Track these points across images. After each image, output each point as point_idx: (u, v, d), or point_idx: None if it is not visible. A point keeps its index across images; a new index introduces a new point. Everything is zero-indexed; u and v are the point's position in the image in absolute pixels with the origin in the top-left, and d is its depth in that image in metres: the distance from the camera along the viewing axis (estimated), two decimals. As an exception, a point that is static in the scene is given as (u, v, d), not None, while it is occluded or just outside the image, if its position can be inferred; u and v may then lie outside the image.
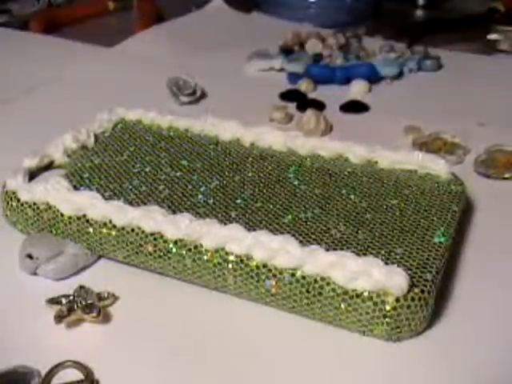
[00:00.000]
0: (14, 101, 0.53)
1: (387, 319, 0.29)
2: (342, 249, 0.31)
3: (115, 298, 0.32)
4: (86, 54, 0.63)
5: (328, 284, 0.29)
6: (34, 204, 0.35)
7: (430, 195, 0.36)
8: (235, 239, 0.31)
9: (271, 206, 0.35)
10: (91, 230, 0.34)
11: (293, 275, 0.30)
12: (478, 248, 0.36)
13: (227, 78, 0.58)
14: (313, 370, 0.29)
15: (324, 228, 0.33)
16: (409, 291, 0.29)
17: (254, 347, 0.30)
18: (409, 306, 0.29)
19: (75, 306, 0.30)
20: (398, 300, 0.29)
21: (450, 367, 0.29)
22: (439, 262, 0.31)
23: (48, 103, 0.53)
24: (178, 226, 0.32)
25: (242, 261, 0.31)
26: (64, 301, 0.31)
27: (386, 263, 0.30)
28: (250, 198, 0.36)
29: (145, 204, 0.35)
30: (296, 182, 0.37)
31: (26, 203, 0.35)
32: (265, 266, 0.31)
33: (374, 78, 0.56)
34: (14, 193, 0.36)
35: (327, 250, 0.31)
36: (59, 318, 0.30)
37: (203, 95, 0.54)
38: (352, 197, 0.36)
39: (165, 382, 0.28)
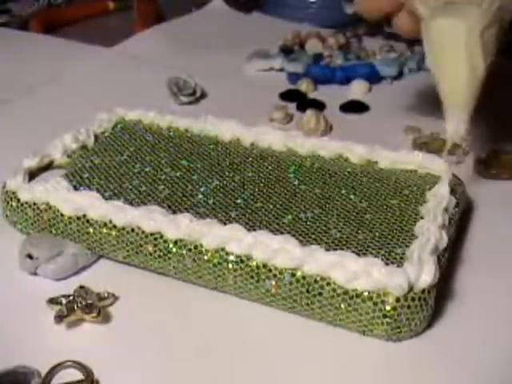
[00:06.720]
0: (14, 101, 0.53)
1: (387, 319, 0.29)
2: (342, 249, 0.31)
3: (115, 298, 0.32)
4: (86, 53, 0.63)
5: (328, 284, 0.29)
6: (34, 204, 0.35)
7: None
8: (235, 239, 0.31)
9: (271, 206, 0.35)
10: (91, 230, 0.34)
11: (293, 275, 0.30)
12: (478, 248, 0.36)
13: (227, 78, 0.58)
14: (313, 370, 0.29)
15: (324, 228, 0.33)
16: (409, 291, 0.29)
17: (254, 347, 0.30)
18: (409, 306, 0.29)
19: (75, 306, 0.31)
20: (398, 300, 0.29)
21: (450, 367, 0.29)
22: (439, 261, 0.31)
23: (48, 103, 0.53)
24: (178, 226, 0.32)
25: (242, 261, 0.31)
26: (64, 301, 0.31)
27: (386, 263, 0.30)
28: (250, 198, 0.36)
29: (145, 204, 0.35)
30: (296, 182, 0.37)
31: (26, 203, 0.35)
32: (265, 265, 0.31)
33: (374, 78, 0.56)
34: (14, 193, 0.36)
35: (327, 250, 0.31)
36: (59, 318, 0.30)
37: (203, 95, 0.54)
38: (352, 197, 0.36)
39: (164, 381, 0.28)
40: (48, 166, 0.39)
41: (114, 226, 0.33)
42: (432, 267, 0.29)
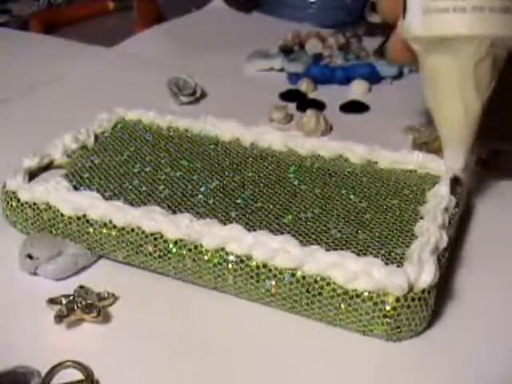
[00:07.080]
0: (14, 101, 0.53)
1: (387, 319, 0.29)
2: (342, 249, 0.31)
3: (115, 298, 0.32)
4: (86, 53, 0.63)
5: (328, 284, 0.29)
6: (34, 204, 0.35)
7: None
8: (235, 239, 0.31)
9: (271, 206, 0.35)
10: (91, 229, 0.34)
11: (293, 275, 0.30)
12: (478, 248, 0.36)
13: (227, 78, 0.58)
14: (313, 370, 0.29)
15: (324, 228, 0.33)
16: (409, 291, 0.29)
17: (254, 347, 0.30)
18: (409, 306, 0.29)
19: (75, 306, 0.31)
20: (398, 300, 0.29)
21: (450, 367, 0.29)
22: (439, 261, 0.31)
23: (48, 103, 0.53)
24: (178, 226, 0.32)
25: (242, 261, 0.31)
26: (64, 301, 0.31)
27: (386, 263, 0.30)
28: (250, 198, 0.36)
29: (145, 204, 0.35)
30: (296, 182, 0.37)
31: (26, 203, 0.35)
32: (265, 265, 0.31)
33: (374, 78, 0.56)
34: (13, 193, 0.36)
35: (327, 250, 0.31)
36: (59, 318, 0.30)
37: (203, 95, 0.54)
38: (352, 197, 0.36)
39: (164, 381, 0.28)
40: (48, 166, 0.39)
41: (114, 226, 0.33)
42: (432, 267, 0.29)
